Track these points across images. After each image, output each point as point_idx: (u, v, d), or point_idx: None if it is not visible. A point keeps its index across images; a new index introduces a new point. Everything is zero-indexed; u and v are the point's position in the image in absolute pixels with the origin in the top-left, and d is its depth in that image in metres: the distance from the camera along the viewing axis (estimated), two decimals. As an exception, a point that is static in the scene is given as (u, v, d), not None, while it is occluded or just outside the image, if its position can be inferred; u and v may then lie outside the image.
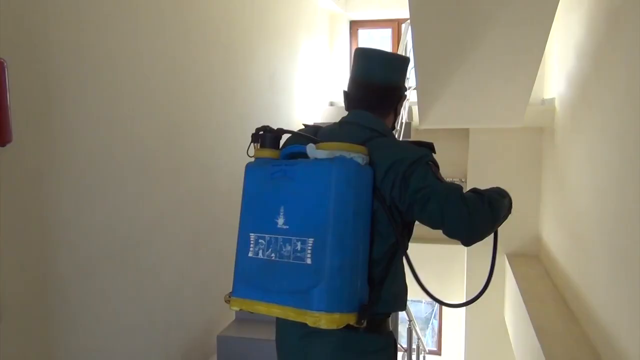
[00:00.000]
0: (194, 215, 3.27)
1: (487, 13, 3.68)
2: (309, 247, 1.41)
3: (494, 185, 1.62)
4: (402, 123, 4.69)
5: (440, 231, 1.46)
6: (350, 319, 1.39)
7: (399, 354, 4.01)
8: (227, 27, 3.71)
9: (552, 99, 5.39)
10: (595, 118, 3.85)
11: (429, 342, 9.27)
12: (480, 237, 1.45)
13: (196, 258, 3.31)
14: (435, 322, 9.26)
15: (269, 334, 3.20)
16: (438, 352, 8.31)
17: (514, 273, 5.40)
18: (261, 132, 1.64)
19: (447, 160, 6.49)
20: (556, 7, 3.60)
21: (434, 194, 1.41)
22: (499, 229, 1.56)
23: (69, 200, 2.21)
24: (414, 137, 5.47)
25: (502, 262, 5.88)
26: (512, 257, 5.86)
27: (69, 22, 2.19)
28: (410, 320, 3.55)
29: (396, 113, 1.73)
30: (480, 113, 5.17)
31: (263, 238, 1.53)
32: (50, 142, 2.11)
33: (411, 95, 5.10)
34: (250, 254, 1.57)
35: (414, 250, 2.53)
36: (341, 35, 6.69)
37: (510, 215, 1.58)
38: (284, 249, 1.47)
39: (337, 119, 1.82)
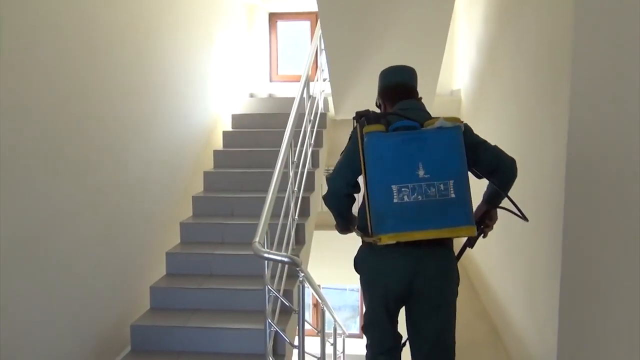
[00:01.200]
0: (107, 206, 3.28)
1: (390, 7, 3.87)
2: (451, 186, 2.01)
3: None
4: (317, 114, 4.83)
5: None
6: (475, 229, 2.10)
7: (314, 339, 4.15)
8: (139, 18, 3.71)
9: (459, 90, 5.70)
10: (489, 107, 4.14)
11: (356, 327, 9.54)
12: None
13: (111, 249, 3.32)
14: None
15: (183, 321, 3.29)
16: (360, 336, 8.59)
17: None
18: (372, 116, 2.14)
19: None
20: (453, 2, 3.83)
21: (491, 147, 2.21)
22: None
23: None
24: (329, 127, 5.63)
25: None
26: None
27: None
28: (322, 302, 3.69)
29: None
30: (391, 103, 5.37)
31: (406, 187, 2.01)
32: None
33: (326, 87, 5.26)
34: (395, 200, 2.01)
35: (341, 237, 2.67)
36: (260, 27, 6.75)
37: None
38: (429, 191, 2.01)
39: (257, 111, 2.22)
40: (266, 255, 2.71)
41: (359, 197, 2.28)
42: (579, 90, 1.43)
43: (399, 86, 2.35)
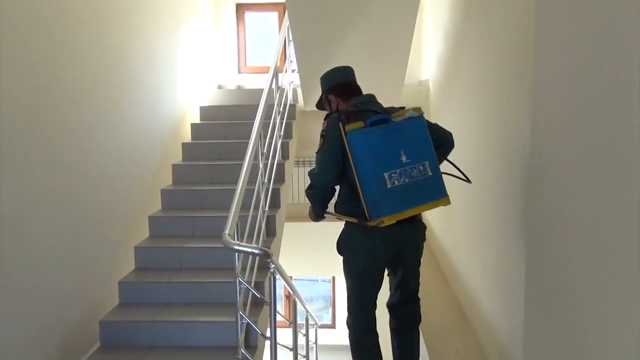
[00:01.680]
0: (71, 201, 3.21)
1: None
2: (427, 166, 2.36)
3: None
4: (286, 105, 4.81)
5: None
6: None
7: (286, 330, 4.17)
8: (103, 8, 3.63)
9: (427, 80, 5.75)
10: (457, 97, 4.19)
11: (329, 318, 9.59)
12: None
13: (75, 245, 3.25)
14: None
15: (153, 316, 3.25)
16: (332, 326, 8.66)
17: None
18: (346, 114, 2.39)
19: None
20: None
21: (437, 127, 2.60)
22: None
23: None
24: (298, 119, 5.62)
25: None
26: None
27: None
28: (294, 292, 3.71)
29: None
30: (360, 94, 5.39)
31: (395, 172, 2.29)
32: None
33: (295, 78, 5.24)
34: (388, 186, 2.28)
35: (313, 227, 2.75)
36: (227, 18, 6.68)
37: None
38: (412, 173, 2.32)
39: (225, 102, 2.30)
40: (236, 247, 2.70)
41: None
42: (543, 79, 1.45)
43: (350, 83, 2.69)
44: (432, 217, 5.46)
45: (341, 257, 2.66)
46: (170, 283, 3.48)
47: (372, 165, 2.28)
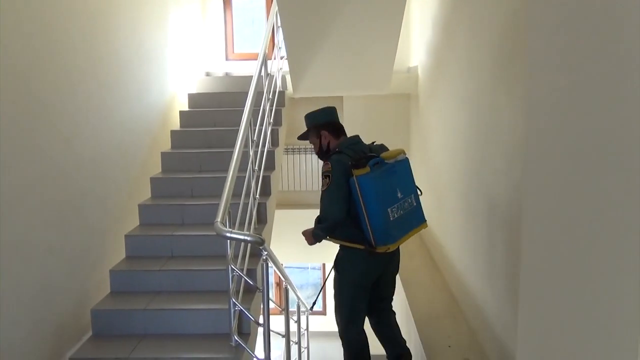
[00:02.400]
0: (59, 190, 3.18)
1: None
2: (413, 199, 2.92)
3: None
4: (276, 92, 4.79)
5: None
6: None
7: (277, 317, 4.18)
8: (86, -6, 3.58)
9: (416, 67, 5.74)
10: (446, 83, 4.19)
11: (319, 305, 9.63)
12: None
13: (64, 233, 3.23)
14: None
15: (145, 304, 3.25)
16: (323, 313, 8.70)
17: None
18: (356, 161, 2.74)
19: (324, 127, 6.72)
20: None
21: None
22: None
23: None
24: (288, 106, 5.60)
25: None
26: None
27: None
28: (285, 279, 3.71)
29: None
30: (349, 81, 5.39)
31: (394, 207, 2.75)
32: None
33: (284, 64, 5.21)
34: (391, 218, 2.72)
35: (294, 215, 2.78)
36: (214, 4, 6.61)
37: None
38: (404, 205, 2.83)
39: (213, 90, 2.40)
40: (229, 234, 2.69)
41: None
42: (536, 63, 1.45)
43: (339, 123, 3.13)
44: (424, 205, 5.49)
45: (332, 270, 3.04)
46: (162, 271, 3.47)
47: (380, 204, 2.70)
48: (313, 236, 2.86)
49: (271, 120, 4.50)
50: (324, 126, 3.06)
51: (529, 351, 1.52)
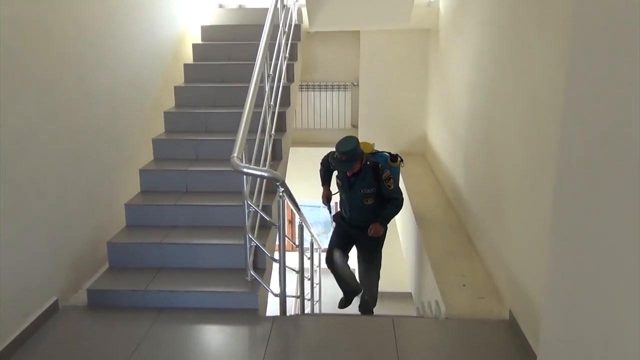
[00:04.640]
0: (72, 123, 3.12)
1: None
2: None
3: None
4: (292, 25, 4.63)
5: None
6: None
7: (291, 254, 4.19)
8: None
9: (437, 1, 5.51)
10: (471, 17, 4.01)
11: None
12: None
13: (80, 166, 3.21)
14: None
15: (160, 238, 3.25)
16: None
17: (400, 171, 5.71)
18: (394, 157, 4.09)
19: (340, 64, 6.55)
20: None
21: None
22: None
23: None
24: (303, 40, 5.44)
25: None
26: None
27: None
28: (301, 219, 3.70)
29: None
30: (368, 14, 5.20)
31: None
32: None
33: (300, -4, 5.02)
34: None
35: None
36: None
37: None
38: None
39: (227, 22, 2.18)
40: (246, 170, 2.65)
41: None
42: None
43: None
44: (438, 138, 5.40)
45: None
46: (177, 206, 3.47)
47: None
48: (384, 224, 3.79)
49: (287, 55, 4.37)
50: (362, 150, 3.72)
51: (556, 300, 1.48)
